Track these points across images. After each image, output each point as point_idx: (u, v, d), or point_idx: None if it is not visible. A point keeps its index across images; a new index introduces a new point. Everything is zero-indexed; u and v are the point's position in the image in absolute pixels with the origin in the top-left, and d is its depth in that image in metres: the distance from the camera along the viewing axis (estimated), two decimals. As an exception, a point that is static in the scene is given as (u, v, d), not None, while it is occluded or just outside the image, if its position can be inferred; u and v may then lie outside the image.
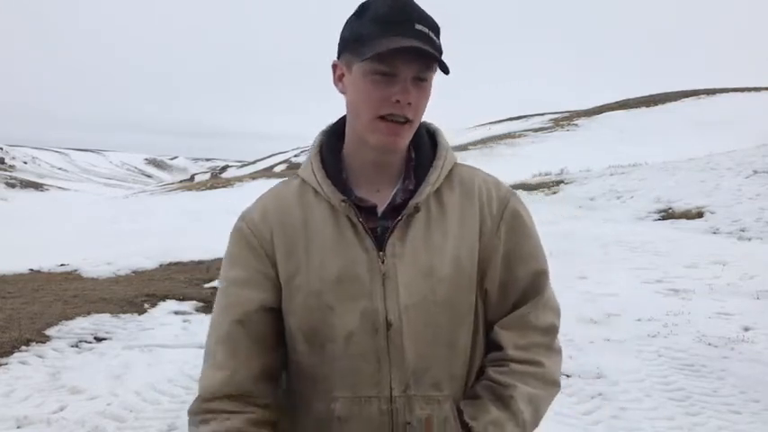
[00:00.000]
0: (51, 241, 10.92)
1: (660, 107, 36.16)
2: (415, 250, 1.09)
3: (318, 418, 1.10)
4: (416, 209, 1.10)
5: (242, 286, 1.12)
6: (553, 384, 1.14)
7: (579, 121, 35.41)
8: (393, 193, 1.13)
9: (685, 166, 15.31)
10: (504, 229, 1.15)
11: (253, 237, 1.13)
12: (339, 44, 1.11)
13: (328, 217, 1.11)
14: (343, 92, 1.12)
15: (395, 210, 1.11)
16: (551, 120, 40.79)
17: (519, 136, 33.04)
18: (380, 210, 1.12)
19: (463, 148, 32.02)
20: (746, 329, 5.10)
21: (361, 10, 1.06)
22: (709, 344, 4.79)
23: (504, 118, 51.39)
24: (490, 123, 49.70)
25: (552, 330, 1.16)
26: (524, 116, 49.88)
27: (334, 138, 1.18)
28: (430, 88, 1.09)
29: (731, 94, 37.70)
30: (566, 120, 38.15)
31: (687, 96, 38.47)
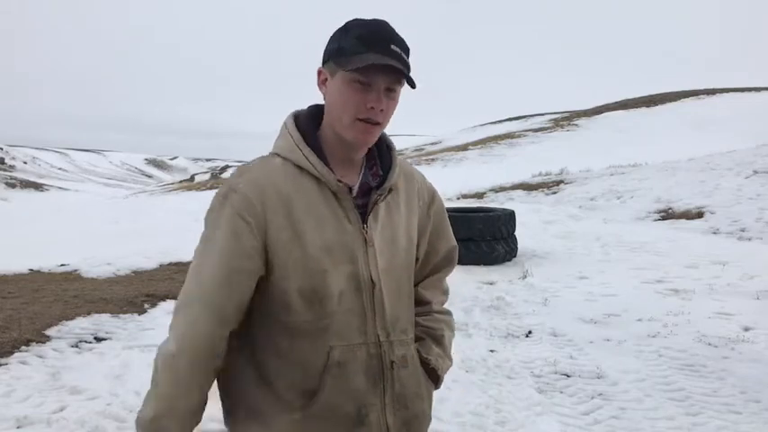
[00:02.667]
0: (51, 241, 10.91)
1: (660, 107, 36.18)
2: (383, 224, 1.35)
3: (311, 373, 1.28)
4: (390, 190, 1.37)
5: (234, 256, 1.24)
6: (455, 329, 1.59)
7: (579, 122, 35.42)
8: (361, 177, 1.36)
9: (685, 166, 15.32)
10: (432, 214, 1.52)
11: (245, 211, 1.24)
12: (324, 54, 1.31)
13: (317, 192, 1.29)
14: (324, 94, 1.33)
15: (368, 190, 1.35)
16: (551, 120, 40.80)
17: (519, 136, 33.05)
18: (355, 190, 1.34)
19: (463, 148, 32.02)
20: (747, 329, 5.10)
21: (346, 29, 1.27)
22: (710, 344, 4.79)
23: (504, 118, 51.38)
24: (490, 124, 49.68)
25: (448, 292, 1.63)
26: (524, 116, 49.89)
27: (312, 125, 1.36)
28: (398, 98, 1.32)
29: (731, 94, 37.71)
30: (566, 120, 38.16)
31: (687, 96, 38.49)
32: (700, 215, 11.00)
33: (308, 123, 1.36)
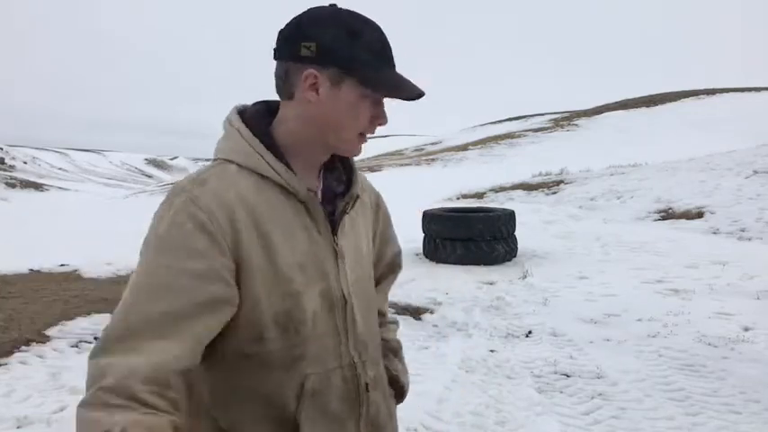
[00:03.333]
0: (51, 241, 10.92)
1: (660, 107, 36.18)
2: (348, 233, 1.25)
3: (284, 409, 1.13)
4: (357, 197, 1.27)
5: (199, 279, 1.00)
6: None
7: (579, 122, 35.43)
8: (321, 182, 1.24)
9: (685, 166, 15.31)
10: (380, 218, 1.45)
11: (210, 225, 1.03)
12: (323, 56, 1.10)
13: (283, 203, 1.13)
14: (310, 100, 1.12)
15: (332, 197, 1.24)
16: (551, 120, 40.81)
17: (519, 136, 33.05)
18: (318, 196, 1.21)
19: (463, 148, 32.03)
20: (746, 329, 5.10)
21: (354, 35, 1.10)
22: (710, 344, 4.79)
23: (504, 118, 51.39)
24: (490, 124, 49.70)
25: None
26: (524, 116, 49.91)
27: (264, 125, 1.18)
28: None
29: (731, 94, 37.72)
30: (566, 120, 38.16)
31: (687, 96, 38.49)
32: (700, 215, 11.00)
33: (260, 123, 1.18)
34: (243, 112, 1.20)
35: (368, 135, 1.18)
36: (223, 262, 1.03)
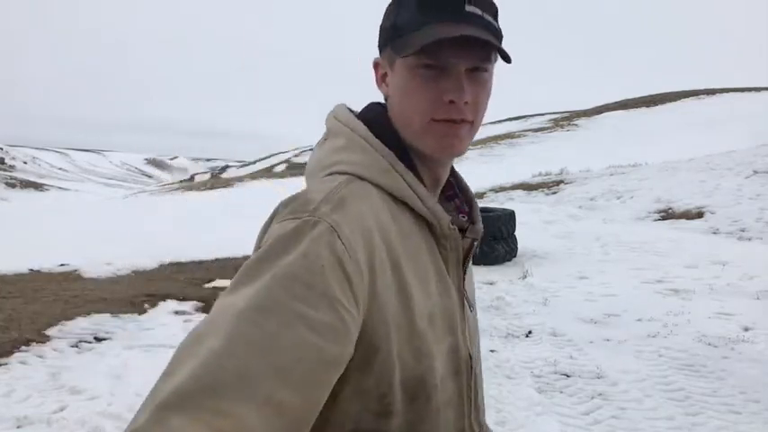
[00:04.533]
0: (51, 241, 10.92)
1: (660, 107, 36.19)
2: (469, 280, 1.02)
3: None
4: (482, 232, 1.00)
5: (322, 333, 0.68)
6: None
7: (579, 122, 35.45)
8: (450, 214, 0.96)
9: (685, 166, 15.31)
10: None
11: (350, 265, 0.74)
12: (379, 37, 0.92)
13: (419, 236, 0.89)
14: (387, 95, 0.93)
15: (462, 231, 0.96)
16: (551, 120, 40.82)
17: (519, 136, 33.07)
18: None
19: (463, 148, 32.06)
20: (746, 329, 5.10)
21: (400, 1, 0.89)
22: (709, 344, 4.79)
23: (504, 118, 51.41)
24: (490, 123, 49.73)
25: None
26: (524, 116, 49.92)
27: (391, 134, 0.92)
28: (491, 81, 0.90)
29: (731, 94, 37.72)
30: (565, 120, 38.17)
31: (687, 96, 38.50)
32: (700, 215, 11.00)
33: (386, 131, 0.91)
34: (365, 118, 0.94)
35: (455, 119, 0.86)
36: (353, 315, 0.73)
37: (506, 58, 0.87)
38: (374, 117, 0.93)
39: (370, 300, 0.77)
